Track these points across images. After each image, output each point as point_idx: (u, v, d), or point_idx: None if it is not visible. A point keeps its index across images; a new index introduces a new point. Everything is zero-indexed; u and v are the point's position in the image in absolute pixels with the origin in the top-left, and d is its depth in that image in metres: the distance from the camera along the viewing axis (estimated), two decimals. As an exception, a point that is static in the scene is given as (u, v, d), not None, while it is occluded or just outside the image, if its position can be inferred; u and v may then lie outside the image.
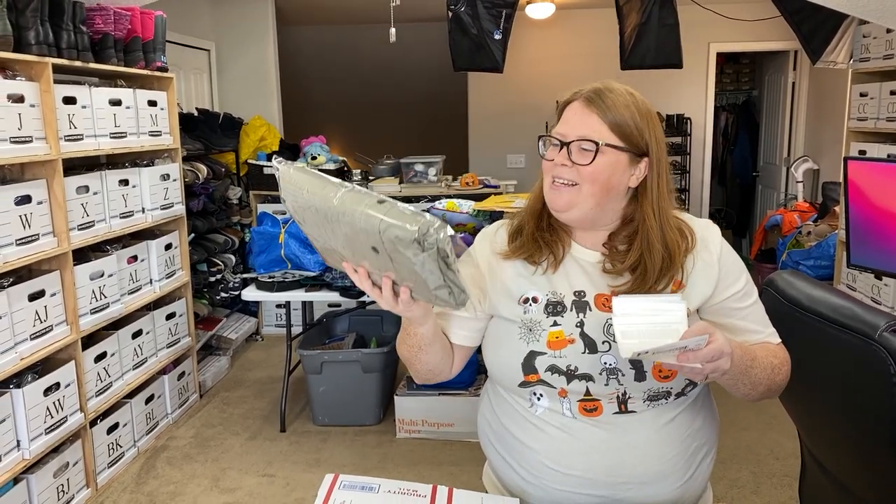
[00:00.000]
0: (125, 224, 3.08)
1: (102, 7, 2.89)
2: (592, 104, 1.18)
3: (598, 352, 1.16)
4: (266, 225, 3.45)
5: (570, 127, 1.18)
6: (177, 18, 4.47)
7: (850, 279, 4.05)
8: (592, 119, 1.17)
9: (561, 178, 1.18)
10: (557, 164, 1.18)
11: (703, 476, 1.25)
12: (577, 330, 1.18)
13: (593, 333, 1.17)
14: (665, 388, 1.17)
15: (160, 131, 3.35)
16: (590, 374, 1.16)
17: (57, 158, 2.58)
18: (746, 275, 1.26)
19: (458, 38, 4.28)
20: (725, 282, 1.22)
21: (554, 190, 1.19)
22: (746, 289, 1.24)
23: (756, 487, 2.81)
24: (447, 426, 3.25)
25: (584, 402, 1.17)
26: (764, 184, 6.80)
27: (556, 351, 1.17)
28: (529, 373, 1.19)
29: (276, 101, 5.43)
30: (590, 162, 1.15)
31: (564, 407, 1.18)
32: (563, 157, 1.17)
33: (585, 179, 1.17)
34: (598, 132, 1.16)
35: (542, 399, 1.20)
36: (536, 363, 1.18)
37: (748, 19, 5.51)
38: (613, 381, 1.15)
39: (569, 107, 1.21)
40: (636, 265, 1.18)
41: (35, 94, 2.50)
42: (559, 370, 1.17)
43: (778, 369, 1.20)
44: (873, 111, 3.81)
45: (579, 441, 1.18)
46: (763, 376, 1.17)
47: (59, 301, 2.62)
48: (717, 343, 1.01)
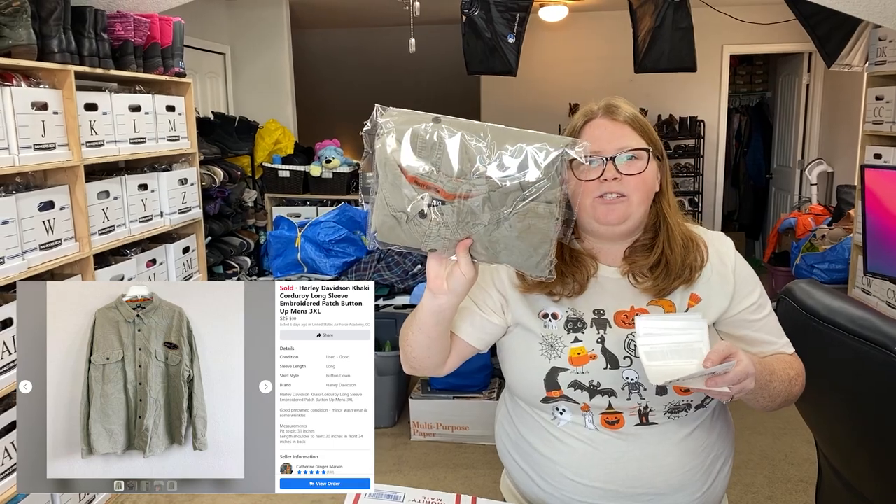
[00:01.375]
0: (144, 228, 3.12)
1: (122, 14, 2.93)
2: (618, 116, 1.21)
3: (619, 367, 1.18)
4: (282, 229, 3.49)
5: (607, 141, 1.19)
6: (193, 22, 4.51)
7: (866, 283, 4.03)
8: (626, 130, 1.20)
9: (612, 191, 1.17)
10: (607, 178, 1.16)
11: (721, 486, 1.26)
12: (598, 346, 1.19)
13: (614, 349, 1.18)
14: (685, 400, 1.18)
15: (178, 136, 3.39)
16: (612, 390, 1.17)
17: (79, 164, 2.62)
18: (760, 286, 1.27)
19: (471, 42, 4.29)
20: (741, 294, 1.23)
21: (605, 205, 1.18)
22: (761, 301, 1.25)
23: (771, 493, 2.81)
24: (462, 429, 3.27)
25: (607, 415, 1.19)
26: (778, 186, 6.77)
27: (579, 367, 1.18)
28: (552, 389, 1.20)
29: (291, 104, 5.47)
30: (643, 170, 1.18)
31: (587, 420, 1.20)
32: (611, 172, 1.16)
33: (635, 188, 1.18)
34: (637, 140, 1.20)
35: (564, 413, 1.21)
36: (559, 379, 1.19)
37: (762, 22, 5.49)
38: (635, 396, 1.17)
39: (590, 125, 1.22)
40: (657, 263, 1.21)
41: (58, 101, 2.54)
42: (582, 386, 1.18)
43: (794, 380, 1.22)
44: (889, 115, 3.80)
45: (601, 453, 1.19)
46: (781, 389, 1.18)
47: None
48: (742, 365, 1.02)
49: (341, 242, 3.35)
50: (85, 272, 2.69)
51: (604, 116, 1.21)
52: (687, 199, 6.40)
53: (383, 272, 3.32)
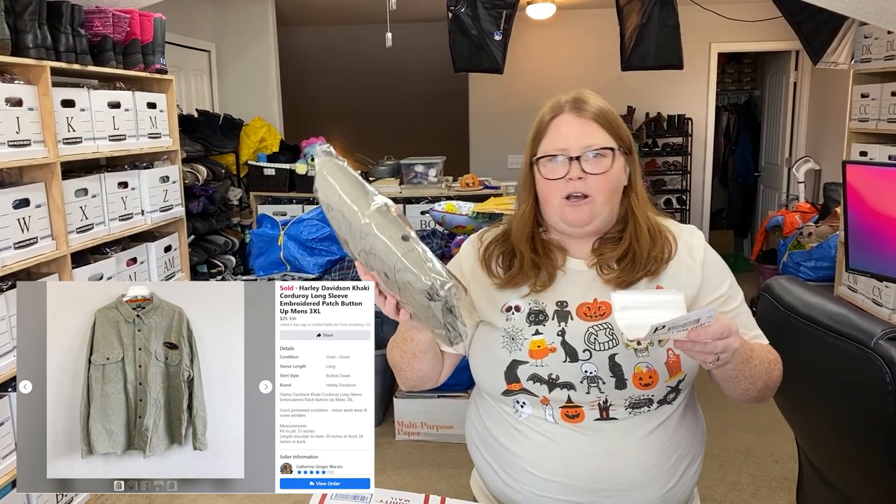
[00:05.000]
0: (124, 226, 3.08)
1: (101, 9, 2.89)
2: (584, 111, 1.19)
3: (579, 360, 1.16)
4: (265, 227, 3.46)
5: (573, 139, 1.18)
6: (177, 19, 4.47)
7: (852, 280, 4.04)
8: (592, 127, 1.18)
9: (577, 192, 1.17)
10: (571, 178, 1.16)
11: (687, 485, 1.24)
12: (558, 339, 1.18)
13: (574, 342, 1.17)
14: (646, 395, 1.16)
15: (159, 133, 3.35)
16: (571, 383, 1.16)
17: (55, 162, 2.58)
18: (731, 279, 1.26)
19: (458, 39, 4.27)
20: (709, 286, 1.22)
21: (571, 206, 1.18)
22: (730, 292, 1.24)
23: (755, 491, 2.80)
24: (446, 428, 3.25)
25: (567, 409, 1.18)
26: (765, 184, 6.79)
27: (538, 360, 1.17)
28: (512, 381, 1.19)
29: (277, 101, 5.44)
30: (608, 169, 1.17)
31: (547, 413, 1.19)
32: (576, 171, 1.16)
33: (600, 188, 1.17)
34: (603, 138, 1.18)
35: (525, 406, 1.21)
36: (518, 372, 1.18)
37: (749, 20, 5.50)
38: (594, 390, 1.15)
39: (556, 121, 1.21)
40: (624, 255, 1.20)
41: (33, 97, 2.50)
42: (541, 379, 1.17)
43: (774, 364, 1.20)
44: (874, 112, 3.80)
45: (560, 447, 1.18)
46: (762, 369, 1.16)
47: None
48: (724, 320, 1.01)
49: (325, 240, 3.33)
50: (62, 271, 2.65)
51: (570, 112, 1.20)
52: (675, 197, 6.40)
53: (367, 270, 3.29)
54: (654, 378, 1.15)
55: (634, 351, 1.15)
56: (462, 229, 3.45)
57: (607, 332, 1.17)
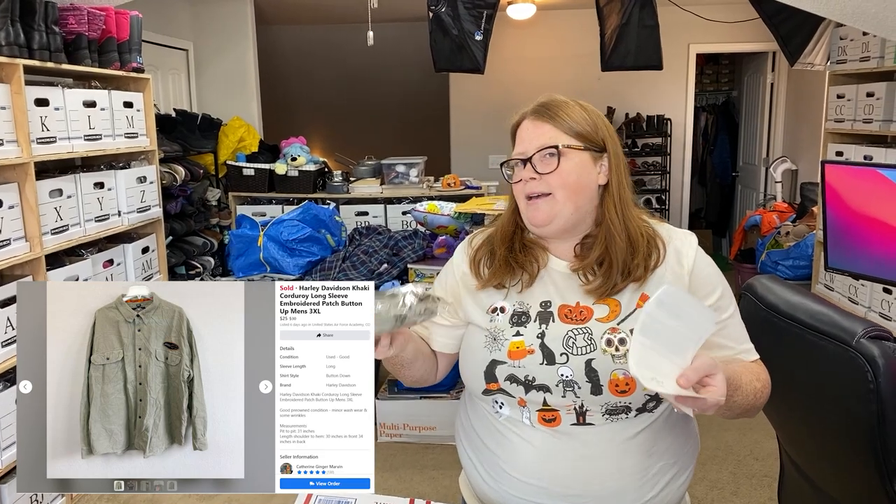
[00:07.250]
0: (100, 228, 3.03)
1: (76, 7, 2.84)
2: (541, 116, 1.22)
3: (555, 363, 1.16)
4: (244, 228, 3.42)
5: (528, 143, 1.21)
6: (154, 18, 4.41)
7: (829, 279, 4.09)
8: (545, 128, 1.21)
9: (534, 192, 1.19)
10: (526, 179, 1.20)
11: (672, 496, 1.21)
12: (537, 341, 1.17)
13: (553, 345, 1.17)
14: (623, 402, 1.15)
15: (136, 133, 3.30)
16: (547, 386, 1.15)
17: (29, 161, 2.53)
18: (723, 289, 1.22)
19: (438, 39, 4.26)
20: (696, 295, 1.17)
21: (531, 206, 1.21)
22: (721, 303, 1.21)
23: (736, 488, 2.82)
24: (429, 430, 3.24)
25: (543, 412, 1.17)
26: (743, 184, 6.85)
27: (516, 361, 1.17)
28: (490, 381, 1.20)
29: (256, 101, 5.38)
30: (556, 168, 1.18)
31: (524, 415, 1.19)
32: (529, 172, 1.20)
33: (556, 186, 1.18)
34: (554, 138, 1.19)
35: (503, 407, 1.21)
36: (497, 372, 1.19)
37: (727, 21, 5.55)
38: (570, 394, 1.15)
39: (520, 127, 1.25)
40: (601, 260, 1.19)
41: (6, 96, 2.45)
42: (518, 380, 1.17)
43: (760, 393, 1.17)
44: (850, 113, 3.85)
45: (536, 450, 1.18)
46: (742, 402, 1.13)
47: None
48: (715, 397, 0.97)
49: (305, 241, 3.30)
50: (36, 273, 2.60)
51: (530, 117, 1.24)
52: (654, 196, 6.44)
53: (348, 271, 3.27)
54: (630, 385, 1.13)
55: (612, 357, 1.14)
56: (444, 229, 3.44)
57: (586, 337, 1.16)
